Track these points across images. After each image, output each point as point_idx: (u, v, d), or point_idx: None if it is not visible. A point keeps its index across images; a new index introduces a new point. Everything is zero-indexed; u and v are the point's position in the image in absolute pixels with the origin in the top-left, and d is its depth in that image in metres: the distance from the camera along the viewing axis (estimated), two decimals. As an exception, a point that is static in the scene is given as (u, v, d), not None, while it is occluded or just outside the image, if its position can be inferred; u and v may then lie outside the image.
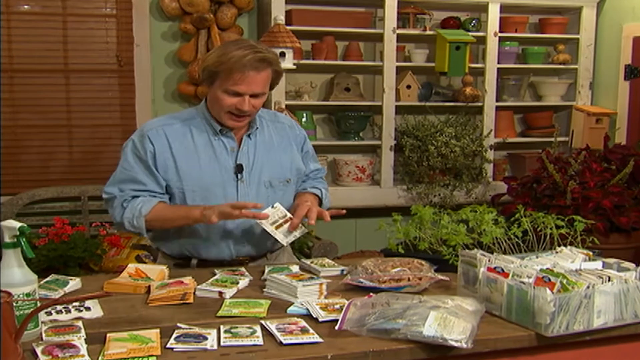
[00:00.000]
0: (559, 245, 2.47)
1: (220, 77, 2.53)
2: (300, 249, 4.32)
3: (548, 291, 1.90)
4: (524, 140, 5.22)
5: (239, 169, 2.65)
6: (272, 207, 2.59)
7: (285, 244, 2.61)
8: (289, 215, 2.59)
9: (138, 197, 2.62)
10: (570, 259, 2.24)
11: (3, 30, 4.38)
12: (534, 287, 1.94)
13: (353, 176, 4.78)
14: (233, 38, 4.42)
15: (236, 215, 2.48)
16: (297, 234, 2.60)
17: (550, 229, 2.54)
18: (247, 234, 2.69)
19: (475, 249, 2.28)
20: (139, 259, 4.28)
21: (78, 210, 4.55)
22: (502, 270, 2.07)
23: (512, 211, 3.83)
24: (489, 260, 2.14)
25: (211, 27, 4.47)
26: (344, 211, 2.70)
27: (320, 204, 2.83)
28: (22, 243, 1.86)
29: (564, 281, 1.94)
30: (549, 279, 1.95)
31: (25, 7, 4.42)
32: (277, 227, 2.56)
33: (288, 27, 4.28)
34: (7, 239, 1.86)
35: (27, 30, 4.43)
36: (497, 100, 4.99)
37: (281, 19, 4.32)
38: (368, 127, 4.95)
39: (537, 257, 2.26)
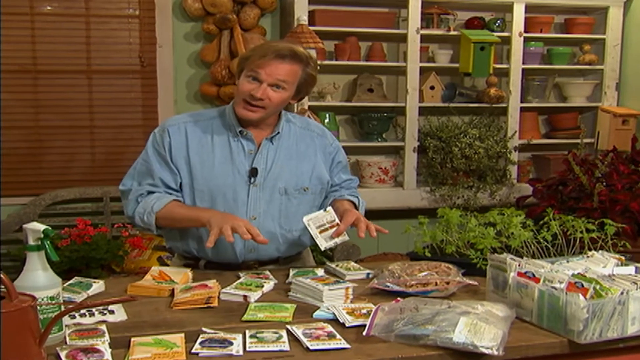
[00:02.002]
0: (589, 250, 2.42)
1: (248, 62, 2.52)
2: (323, 251, 4.28)
3: (581, 297, 1.85)
4: (548, 141, 5.17)
5: (253, 172, 2.61)
6: (325, 210, 2.53)
7: (323, 249, 2.53)
8: (337, 221, 2.52)
9: (153, 192, 2.60)
10: (602, 264, 2.19)
11: (26, 31, 4.39)
12: (566, 293, 1.89)
13: (376, 178, 4.74)
14: (255, 39, 4.41)
15: (245, 237, 2.40)
16: (338, 240, 2.50)
17: (581, 232, 2.49)
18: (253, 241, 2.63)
19: (504, 253, 2.24)
20: (160, 261, 4.28)
21: (100, 212, 4.55)
22: (533, 275, 2.02)
23: (537, 213, 3.80)
24: (519, 265, 2.10)
25: (234, 27, 4.45)
26: (387, 231, 2.62)
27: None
28: (47, 246, 1.84)
29: (597, 287, 1.89)
30: (582, 285, 1.90)
31: (48, 8, 4.43)
32: (321, 232, 2.49)
33: (311, 28, 4.27)
34: (31, 242, 1.84)
35: (50, 31, 4.43)
36: (521, 101, 4.94)
37: (304, 19, 4.30)
38: (391, 128, 4.92)
39: (567, 262, 2.21)
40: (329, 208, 2.54)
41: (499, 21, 4.84)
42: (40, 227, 1.83)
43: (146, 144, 2.68)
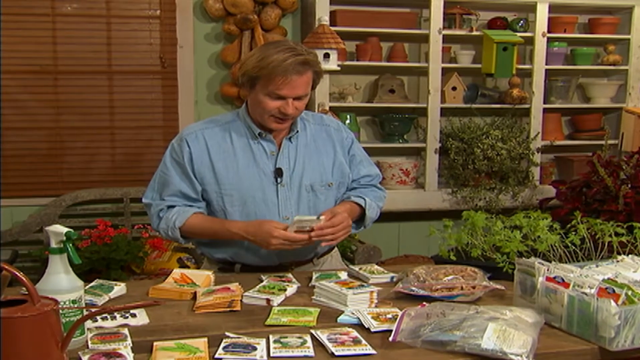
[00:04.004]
0: (618, 254, 2.37)
1: (261, 81, 2.47)
2: (344, 253, 4.26)
3: (613, 303, 1.81)
4: (572, 143, 5.11)
5: (278, 173, 2.60)
6: (318, 217, 2.46)
7: None
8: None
9: (173, 207, 2.59)
10: (632, 269, 2.14)
11: (47, 32, 4.40)
12: (597, 299, 1.85)
13: (397, 179, 4.70)
14: (276, 39, 4.38)
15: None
16: None
17: (609, 236, 2.44)
18: None
19: (532, 257, 2.19)
20: (180, 262, 4.26)
21: (120, 212, 4.54)
22: (562, 280, 1.98)
23: (561, 216, 3.74)
24: (547, 270, 2.05)
25: (255, 28, 4.42)
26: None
27: (363, 215, 2.73)
28: (69, 249, 1.82)
29: (629, 292, 1.85)
30: (613, 290, 1.86)
31: (69, 8, 4.42)
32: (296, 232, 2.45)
33: (332, 28, 4.24)
34: (53, 244, 1.82)
35: (71, 32, 4.43)
36: (544, 102, 4.89)
37: (325, 19, 4.27)
38: (412, 129, 4.88)
39: (596, 266, 2.17)
40: (322, 217, 2.47)
41: (522, 21, 4.79)
42: (63, 229, 1.81)
43: (164, 155, 2.67)
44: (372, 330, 1.95)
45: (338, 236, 2.51)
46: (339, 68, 4.24)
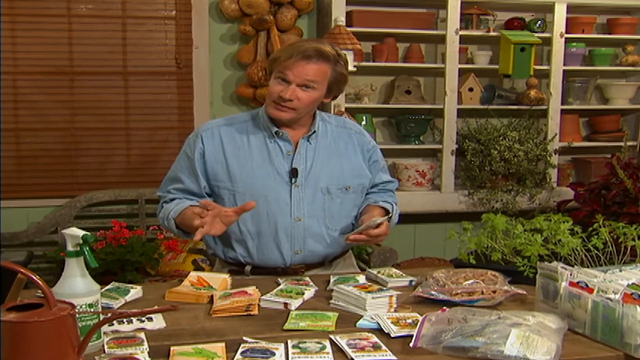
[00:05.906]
0: (642, 258, 2.33)
1: (276, 64, 2.51)
2: (359, 255, 4.23)
3: (639, 309, 1.77)
4: (589, 144, 5.05)
5: (293, 173, 2.57)
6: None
7: None
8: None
9: (175, 199, 2.61)
10: (656, 273, 2.11)
11: (63, 33, 4.39)
12: (622, 304, 1.81)
13: (413, 181, 4.67)
14: (292, 40, 4.36)
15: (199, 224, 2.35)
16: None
17: (633, 239, 2.40)
18: (300, 242, 2.60)
19: (555, 262, 2.16)
20: (195, 264, 4.24)
21: (135, 214, 4.53)
22: (586, 285, 1.94)
23: (580, 218, 3.70)
24: (570, 274, 2.02)
25: (271, 28, 4.40)
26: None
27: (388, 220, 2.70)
28: (86, 252, 1.80)
29: (655, 298, 1.81)
30: (639, 296, 1.82)
31: (85, 9, 4.41)
32: None
33: (348, 29, 4.21)
34: (70, 247, 1.80)
35: (87, 33, 4.42)
36: (562, 103, 4.83)
37: (342, 20, 4.24)
38: (429, 130, 4.84)
39: (620, 271, 2.13)
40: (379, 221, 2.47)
41: (539, 22, 4.74)
42: (79, 232, 1.79)
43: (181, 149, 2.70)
44: (392, 335, 1.92)
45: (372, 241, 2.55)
46: (355, 69, 4.21)
